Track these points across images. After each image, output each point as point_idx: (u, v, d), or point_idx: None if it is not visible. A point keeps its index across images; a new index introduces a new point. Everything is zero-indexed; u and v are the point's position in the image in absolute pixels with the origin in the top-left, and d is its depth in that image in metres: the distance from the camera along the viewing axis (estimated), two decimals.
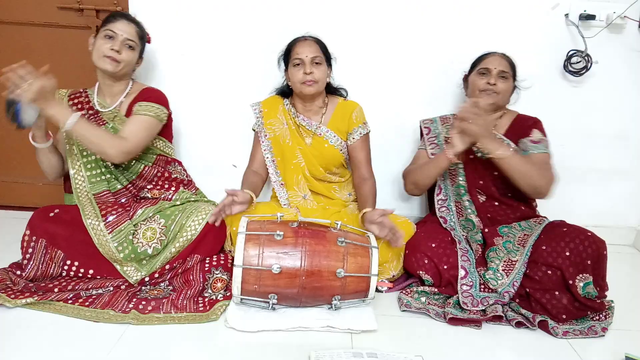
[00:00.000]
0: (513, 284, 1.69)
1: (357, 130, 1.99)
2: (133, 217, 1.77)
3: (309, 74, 1.86)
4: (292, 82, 1.93)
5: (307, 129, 1.99)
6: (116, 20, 1.81)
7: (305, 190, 1.99)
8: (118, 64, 1.80)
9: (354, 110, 1.99)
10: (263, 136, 2.00)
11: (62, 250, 1.70)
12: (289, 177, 1.99)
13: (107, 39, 1.80)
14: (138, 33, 1.86)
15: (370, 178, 1.98)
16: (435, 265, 1.76)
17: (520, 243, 1.79)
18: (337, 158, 2.01)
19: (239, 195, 1.73)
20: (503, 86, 1.88)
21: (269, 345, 1.46)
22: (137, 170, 1.90)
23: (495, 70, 1.88)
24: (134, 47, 1.84)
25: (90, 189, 1.83)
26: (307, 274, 1.56)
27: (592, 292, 1.62)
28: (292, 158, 1.98)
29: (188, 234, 1.75)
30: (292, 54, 1.90)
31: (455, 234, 1.88)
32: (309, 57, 1.87)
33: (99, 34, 1.82)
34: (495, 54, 1.94)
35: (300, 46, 1.89)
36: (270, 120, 2.00)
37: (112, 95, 1.90)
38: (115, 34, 1.80)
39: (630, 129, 2.34)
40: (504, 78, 1.89)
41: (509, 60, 1.93)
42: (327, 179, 2.03)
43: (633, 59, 2.25)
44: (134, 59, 1.86)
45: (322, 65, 1.91)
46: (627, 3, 2.14)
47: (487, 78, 1.89)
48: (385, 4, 2.19)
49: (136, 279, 1.71)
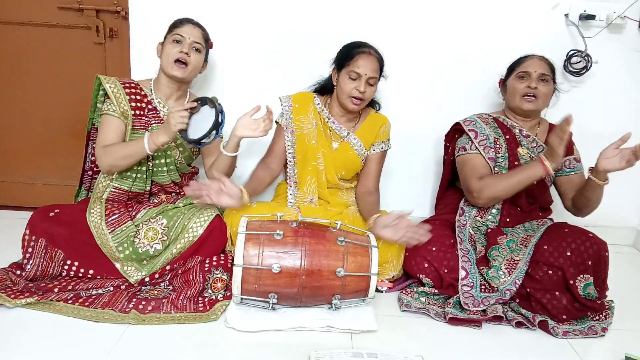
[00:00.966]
0: (515, 282, 1.69)
1: (379, 144, 2.01)
2: (135, 217, 1.77)
3: (362, 93, 1.84)
4: (340, 89, 1.88)
5: (337, 133, 1.99)
6: (183, 25, 1.84)
7: (314, 194, 1.98)
8: (186, 68, 1.82)
9: (383, 125, 2.02)
10: (289, 131, 1.96)
11: (62, 250, 1.70)
12: (303, 178, 1.98)
13: (175, 43, 1.82)
14: (204, 36, 1.88)
15: (375, 192, 2.00)
16: (435, 269, 1.76)
17: (523, 243, 1.79)
18: (357, 165, 2.02)
19: (227, 184, 1.69)
20: (544, 90, 1.84)
21: (269, 345, 1.46)
22: (165, 181, 1.91)
23: (535, 74, 1.84)
24: (200, 49, 1.86)
25: (112, 181, 1.84)
26: (307, 274, 1.56)
27: (593, 292, 1.63)
28: (312, 160, 1.97)
29: (190, 236, 1.75)
30: (352, 64, 1.83)
31: (461, 231, 1.87)
32: (368, 75, 1.83)
33: (165, 40, 1.85)
34: (534, 57, 1.89)
35: (364, 60, 1.83)
36: (300, 117, 1.97)
37: (173, 99, 1.91)
38: (183, 37, 1.82)
39: (630, 129, 2.32)
40: (544, 81, 1.85)
41: (548, 62, 1.89)
42: (339, 185, 2.03)
43: (633, 59, 2.26)
44: (200, 62, 1.88)
45: (375, 86, 1.89)
46: (627, 3, 2.14)
47: (528, 82, 1.85)
48: (385, 3, 2.19)
49: (136, 279, 1.71)
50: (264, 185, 1.92)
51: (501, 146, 1.88)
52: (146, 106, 1.87)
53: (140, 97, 1.87)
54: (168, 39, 1.84)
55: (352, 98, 1.86)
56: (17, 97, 2.37)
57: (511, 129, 1.93)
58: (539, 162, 1.73)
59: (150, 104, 1.88)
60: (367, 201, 1.94)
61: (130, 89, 1.86)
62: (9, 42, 2.31)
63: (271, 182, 1.98)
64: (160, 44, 1.88)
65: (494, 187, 1.79)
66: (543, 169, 1.72)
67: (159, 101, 1.89)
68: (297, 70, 2.22)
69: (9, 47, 2.31)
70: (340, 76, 1.89)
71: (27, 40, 2.30)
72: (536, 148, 1.91)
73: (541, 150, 1.89)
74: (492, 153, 1.87)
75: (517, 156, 1.87)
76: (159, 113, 1.88)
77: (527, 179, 1.75)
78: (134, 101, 1.85)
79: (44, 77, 2.34)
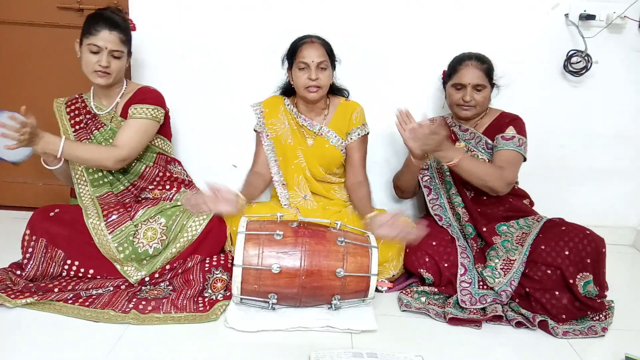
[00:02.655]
0: (510, 283, 1.69)
1: (355, 131, 1.99)
2: (134, 217, 1.77)
3: (314, 80, 1.85)
4: (296, 85, 1.91)
5: (309, 130, 1.99)
6: (97, 32, 1.74)
7: (306, 190, 1.99)
8: (109, 76, 1.80)
9: (355, 111, 2.00)
10: (265, 136, 2.00)
11: (62, 250, 1.70)
12: (290, 177, 1.99)
13: (92, 53, 1.76)
14: (122, 39, 1.79)
15: (364, 181, 1.98)
16: (435, 263, 1.76)
17: (518, 242, 1.79)
18: (337, 158, 2.01)
19: (222, 192, 1.70)
20: (480, 98, 1.89)
21: (269, 345, 1.46)
22: (138, 171, 1.90)
23: (469, 86, 1.87)
24: (120, 55, 1.81)
25: (94, 192, 1.84)
26: (307, 274, 1.56)
27: (593, 290, 1.63)
28: (293, 158, 1.98)
29: (189, 235, 1.75)
30: (298, 56, 1.87)
31: (452, 231, 1.89)
32: (315, 62, 1.84)
33: (82, 44, 1.78)
34: (468, 64, 1.89)
35: (307, 49, 1.86)
36: (272, 120, 2.00)
37: (108, 97, 1.90)
38: (99, 47, 1.75)
39: (630, 129, 2.34)
40: (479, 90, 1.88)
41: (483, 67, 1.88)
42: (327, 179, 2.02)
43: (633, 59, 2.25)
44: (123, 64, 1.84)
45: (328, 70, 1.89)
46: (627, 3, 2.14)
47: (462, 94, 1.89)
48: (385, 3, 2.19)
49: (136, 278, 1.71)
50: (259, 190, 1.95)
51: None
52: (85, 116, 1.89)
53: (79, 110, 1.90)
54: (84, 45, 1.76)
55: (308, 88, 1.87)
56: (17, 97, 2.37)
57: (451, 127, 2.01)
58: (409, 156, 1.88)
59: (89, 112, 1.89)
60: (358, 195, 1.94)
61: (71, 105, 1.91)
62: (9, 42, 2.31)
63: (266, 187, 2.01)
64: (78, 44, 1.80)
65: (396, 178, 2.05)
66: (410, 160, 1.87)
67: (96, 105, 1.90)
68: None
69: (9, 47, 2.31)
70: (292, 72, 1.92)
71: (27, 40, 2.30)
72: (473, 139, 1.95)
73: (480, 140, 1.94)
74: None
75: None
76: (98, 118, 1.88)
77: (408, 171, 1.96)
78: (73, 118, 1.89)
79: (44, 77, 2.34)
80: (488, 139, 1.92)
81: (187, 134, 2.31)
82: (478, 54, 1.92)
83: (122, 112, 1.88)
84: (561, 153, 2.35)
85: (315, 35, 1.92)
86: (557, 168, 2.36)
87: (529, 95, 2.23)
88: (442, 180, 2.00)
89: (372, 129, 2.05)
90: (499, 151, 1.86)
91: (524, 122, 1.92)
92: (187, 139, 2.31)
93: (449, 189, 1.97)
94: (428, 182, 2.01)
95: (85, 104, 1.91)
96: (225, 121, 2.29)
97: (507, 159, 1.83)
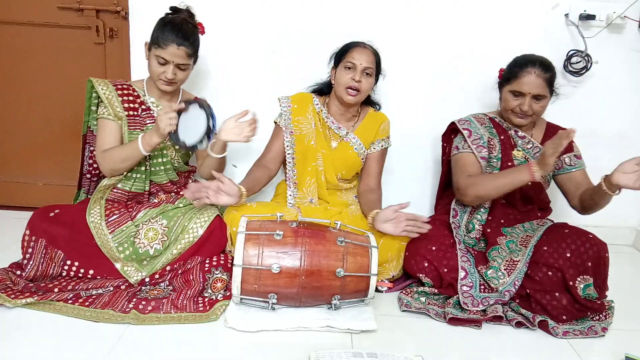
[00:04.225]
0: (514, 283, 1.69)
1: (379, 142, 2.02)
2: (135, 217, 1.77)
3: (357, 82, 1.85)
4: (337, 83, 1.91)
5: (336, 133, 2.00)
6: (167, 46, 1.74)
7: (314, 194, 1.99)
8: (174, 85, 1.83)
9: (383, 123, 2.03)
10: (288, 133, 1.97)
11: (62, 251, 1.70)
12: (302, 178, 1.98)
13: (159, 65, 1.78)
14: (188, 53, 1.80)
15: (377, 190, 2.00)
16: (435, 268, 1.76)
17: (522, 243, 1.79)
18: (357, 165, 2.02)
19: (225, 183, 1.70)
20: (538, 108, 1.81)
21: (269, 345, 1.46)
22: (162, 180, 1.91)
23: (529, 95, 1.79)
24: (186, 68, 1.83)
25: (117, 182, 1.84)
26: (307, 274, 1.56)
27: (593, 293, 1.63)
28: (311, 160, 1.97)
29: (190, 236, 1.75)
30: (347, 56, 1.87)
31: (458, 232, 1.87)
32: (363, 65, 1.85)
33: (151, 50, 1.79)
34: (531, 72, 1.77)
35: (358, 52, 1.87)
36: (299, 118, 1.98)
37: (165, 98, 1.91)
38: (167, 61, 1.77)
39: (630, 129, 2.34)
40: (539, 100, 1.80)
41: (547, 76, 1.78)
42: (339, 186, 2.03)
43: (633, 59, 2.26)
44: (187, 74, 1.87)
45: (371, 78, 1.90)
46: (627, 3, 2.14)
47: (520, 102, 1.80)
48: (385, 3, 2.19)
49: (136, 279, 1.71)
50: (260, 185, 1.93)
51: (495, 146, 1.88)
52: (139, 106, 1.87)
53: (133, 97, 1.87)
54: (153, 52, 1.78)
55: (348, 89, 1.87)
56: (17, 97, 2.37)
57: (507, 130, 1.92)
58: (526, 167, 1.70)
59: (144, 104, 1.88)
60: (369, 198, 1.94)
61: (123, 90, 1.87)
62: (9, 42, 2.31)
63: (268, 181, 1.98)
64: (147, 46, 1.83)
65: (480, 186, 1.77)
66: (529, 174, 1.67)
67: (152, 101, 1.90)
68: (296, 70, 2.22)
69: (9, 47, 2.31)
70: (337, 71, 1.92)
71: (27, 40, 2.30)
72: (532, 149, 1.90)
73: (537, 152, 1.88)
74: (484, 152, 1.86)
75: (511, 157, 1.87)
76: (152, 112, 1.88)
77: (512, 182, 1.72)
78: (126, 102, 1.85)
79: (44, 77, 2.34)
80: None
81: None
82: (543, 59, 1.81)
83: None
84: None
85: (369, 43, 1.93)
86: None
87: None
88: None
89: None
90: (583, 171, 1.87)
91: None
92: None
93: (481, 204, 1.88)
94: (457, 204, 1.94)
95: (138, 94, 1.89)
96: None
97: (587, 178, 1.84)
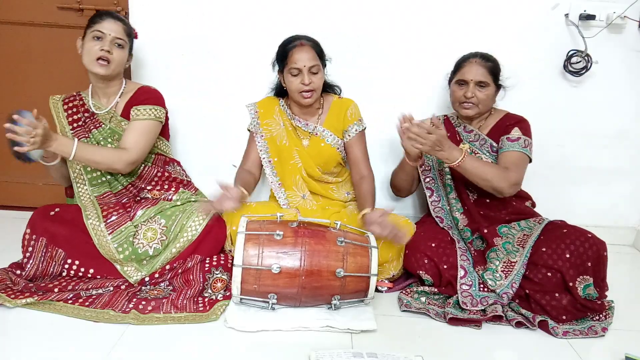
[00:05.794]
0: (512, 285, 1.69)
1: (352, 128, 1.98)
2: (134, 217, 1.77)
3: (308, 85, 1.83)
4: (289, 89, 1.89)
5: (304, 131, 1.99)
6: (102, 20, 1.78)
7: (304, 190, 1.99)
8: (109, 65, 1.79)
9: (349, 108, 1.98)
10: (259, 137, 1.99)
11: (63, 249, 1.70)
12: (287, 178, 1.99)
13: (95, 40, 1.78)
14: (125, 30, 1.83)
15: (368, 175, 1.96)
16: (435, 264, 1.76)
17: (519, 244, 1.78)
18: (334, 157, 2.00)
19: (231, 190, 1.71)
20: (482, 96, 1.87)
21: (269, 345, 1.46)
22: (136, 171, 1.90)
23: (472, 83, 1.86)
24: (123, 45, 1.82)
25: (92, 192, 1.84)
26: (307, 274, 1.56)
27: (593, 293, 1.62)
28: (289, 159, 1.98)
29: (189, 235, 1.75)
30: (289, 61, 1.83)
31: (453, 233, 1.89)
32: (307, 66, 1.82)
33: (86, 36, 1.80)
34: (472, 61, 1.88)
35: (298, 53, 1.82)
36: (267, 121, 1.99)
37: (106, 96, 1.90)
38: (103, 34, 1.77)
39: (630, 129, 2.34)
40: (482, 87, 1.86)
41: (488, 65, 1.87)
42: (324, 179, 2.02)
43: (633, 59, 2.25)
44: (124, 57, 1.85)
45: (320, 72, 1.87)
46: (627, 3, 2.14)
47: (465, 90, 1.87)
48: (385, 3, 2.19)
49: (136, 279, 1.71)
50: (251, 188, 1.93)
51: None
52: (83, 114, 1.88)
53: (77, 108, 1.89)
54: (88, 35, 1.79)
55: (301, 93, 1.85)
56: (17, 97, 2.37)
57: (455, 127, 1.99)
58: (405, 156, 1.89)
59: (87, 111, 1.88)
60: (360, 191, 1.93)
61: (69, 103, 1.90)
62: (9, 42, 2.31)
63: (256, 184, 2.00)
64: (81, 39, 1.83)
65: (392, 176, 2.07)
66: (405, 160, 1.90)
67: (94, 103, 1.89)
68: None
69: (9, 47, 2.31)
70: (284, 77, 1.89)
71: (27, 40, 2.30)
72: (477, 141, 1.93)
73: (484, 143, 1.92)
74: None
75: None
76: (96, 117, 1.87)
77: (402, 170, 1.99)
78: (71, 116, 1.88)
79: (44, 77, 2.34)
80: (493, 142, 1.90)
81: (186, 134, 2.31)
82: (484, 53, 1.91)
83: (122, 112, 1.88)
84: (561, 153, 2.34)
85: (304, 36, 1.88)
86: (557, 168, 2.36)
87: (528, 95, 2.23)
88: (442, 182, 1.99)
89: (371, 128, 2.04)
90: (505, 152, 1.85)
91: (530, 124, 1.90)
92: (186, 139, 2.31)
93: (448, 192, 1.96)
94: (430, 184, 2.01)
95: (84, 102, 1.90)
96: (224, 121, 2.29)
97: (512, 160, 1.82)
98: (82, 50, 1.81)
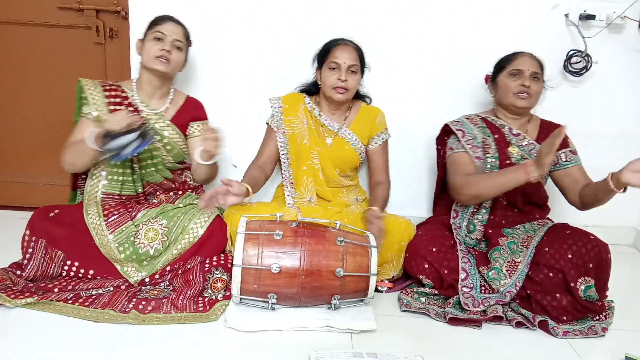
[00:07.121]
0: (515, 284, 1.69)
1: (379, 136, 2.02)
2: (135, 217, 1.77)
3: (343, 81, 1.86)
4: (324, 84, 1.92)
5: (329, 129, 2.00)
6: (164, 22, 1.85)
7: (312, 193, 1.99)
8: (168, 64, 1.83)
9: (378, 116, 2.02)
10: (280, 133, 1.98)
11: (62, 251, 1.70)
12: (299, 178, 1.99)
13: (156, 40, 1.82)
14: (184, 34, 1.90)
15: (386, 182, 2.01)
16: (436, 269, 1.75)
17: (523, 244, 1.78)
18: (354, 160, 2.03)
19: (234, 186, 1.71)
20: (536, 88, 1.83)
21: (268, 345, 1.46)
22: (156, 180, 1.91)
23: (528, 72, 1.82)
24: (181, 47, 1.87)
25: (103, 187, 1.84)
26: (307, 274, 1.56)
27: (594, 295, 1.62)
28: (306, 159, 1.98)
29: (190, 237, 1.75)
30: (330, 56, 1.88)
31: (458, 233, 1.87)
32: (347, 63, 1.86)
33: (146, 37, 1.85)
34: (525, 54, 1.87)
35: (340, 50, 1.87)
36: (290, 118, 1.98)
37: (155, 97, 1.91)
38: (164, 35, 1.83)
39: (630, 129, 2.34)
40: (536, 79, 1.83)
41: (538, 60, 1.87)
42: (340, 183, 2.03)
43: (633, 59, 2.26)
44: (181, 59, 1.90)
45: (357, 74, 1.91)
46: (627, 3, 2.14)
47: (521, 80, 1.82)
48: (385, 3, 2.19)
49: (136, 279, 1.71)
50: (259, 185, 1.94)
51: (490, 146, 1.87)
52: (126, 107, 1.87)
53: (120, 98, 1.88)
54: (149, 36, 1.84)
55: (336, 89, 1.88)
56: (17, 97, 2.37)
57: (500, 128, 1.92)
58: (522, 168, 1.69)
59: (131, 105, 1.88)
60: (376, 192, 1.97)
61: (110, 91, 1.88)
62: (9, 42, 2.31)
63: (265, 182, 2.00)
64: (140, 41, 1.88)
65: (476, 185, 1.77)
66: (524, 175, 1.67)
67: (140, 101, 1.89)
68: (288, 71, 2.21)
69: (9, 47, 2.31)
70: (322, 72, 1.93)
71: (27, 40, 2.31)
72: (527, 146, 1.89)
73: (533, 148, 1.87)
74: (479, 152, 1.86)
75: (508, 155, 1.86)
76: (140, 113, 1.87)
77: (508, 182, 1.71)
78: (112, 104, 1.85)
79: (44, 77, 2.34)
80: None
81: None
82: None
83: (173, 118, 1.92)
84: None
85: (349, 39, 1.93)
86: None
87: None
88: None
89: None
90: (580, 166, 1.86)
91: None
92: None
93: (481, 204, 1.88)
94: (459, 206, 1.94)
95: (126, 95, 1.89)
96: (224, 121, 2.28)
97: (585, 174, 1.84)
98: (141, 50, 1.86)
